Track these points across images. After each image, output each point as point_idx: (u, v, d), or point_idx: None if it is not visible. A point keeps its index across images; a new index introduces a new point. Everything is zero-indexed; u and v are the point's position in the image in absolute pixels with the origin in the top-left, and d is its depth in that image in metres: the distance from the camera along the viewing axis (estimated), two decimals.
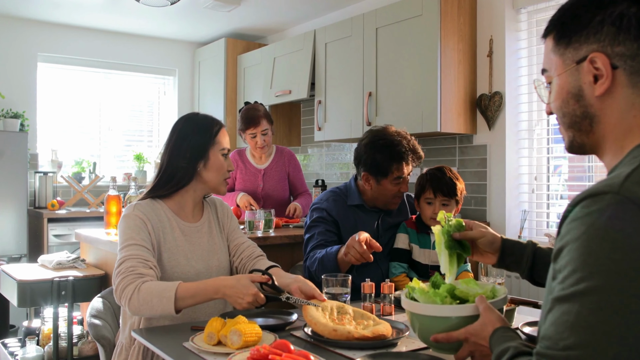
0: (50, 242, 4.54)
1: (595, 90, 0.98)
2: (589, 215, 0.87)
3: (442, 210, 1.54)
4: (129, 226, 1.81)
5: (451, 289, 1.27)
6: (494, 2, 3.47)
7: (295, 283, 1.74)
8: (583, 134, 1.03)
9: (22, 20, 5.05)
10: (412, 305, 1.27)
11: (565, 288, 0.87)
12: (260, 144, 3.37)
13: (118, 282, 1.69)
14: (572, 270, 0.86)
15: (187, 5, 4.61)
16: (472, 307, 1.20)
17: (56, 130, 5.34)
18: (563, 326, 0.85)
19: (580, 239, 0.87)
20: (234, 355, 1.35)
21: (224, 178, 1.95)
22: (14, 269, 2.76)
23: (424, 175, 2.30)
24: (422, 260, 2.26)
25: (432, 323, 1.23)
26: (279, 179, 3.51)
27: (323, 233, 2.27)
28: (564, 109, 1.04)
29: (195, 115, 1.99)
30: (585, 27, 0.98)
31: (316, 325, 1.49)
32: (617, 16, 0.95)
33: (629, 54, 0.95)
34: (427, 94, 3.42)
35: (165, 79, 5.93)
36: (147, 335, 1.61)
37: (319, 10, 4.75)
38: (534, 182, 3.44)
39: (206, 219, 1.99)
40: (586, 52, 0.98)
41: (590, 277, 0.84)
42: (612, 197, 0.86)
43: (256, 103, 3.54)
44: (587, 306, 0.83)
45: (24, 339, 2.94)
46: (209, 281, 1.68)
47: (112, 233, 2.78)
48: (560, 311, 0.86)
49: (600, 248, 0.84)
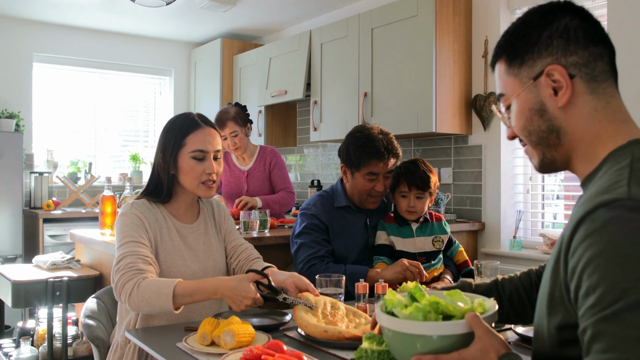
0: (45, 242, 4.53)
1: (557, 102, 1.00)
2: (606, 226, 0.83)
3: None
4: (126, 224, 1.80)
5: (435, 303, 1.08)
6: (489, 3, 3.48)
7: (290, 278, 1.74)
8: (552, 149, 1.04)
9: (17, 20, 5.04)
10: (389, 321, 1.07)
11: (608, 305, 0.80)
12: (232, 145, 3.37)
13: (117, 278, 1.68)
14: (610, 285, 0.80)
15: (183, 6, 4.61)
16: (462, 324, 1.02)
17: (52, 131, 5.33)
18: (625, 345, 0.78)
19: (606, 251, 0.82)
20: (227, 355, 1.35)
21: (200, 181, 1.85)
22: (9, 270, 2.75)
23: (397, 168, 2.32)
24: (410, 250, 2.30)
25: (413, 341, 1.04)
26: (263, 180, 3.47)
27: (319, 242, 2.28)
28: (529, 127, 1.05)
29: (178, 116, 1.93)
30: (536, 44, 1.01)
31: (307, 327, 1.50)
32: (563, 29, 0.99)
33: (582, 62, 0.98)
34: (423, 94, 3.42)
35: (161, 79, 5.93)
36: (141, 335, 1.61)
37: (314, 10, 4.75)
38: (529, 182, 3.45)
39: (202, 220, 1.99)
40: (541, 67, 1.01)
41: (636, 286, 0.79)
42: (626, 203, 0.84)
43: (231, 105, 3.47)
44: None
45: (18, 339, 2.94)
46: (209, 280, 1.67)
47: (107, 233, 2.77)
48: (615, 331, 0.79)
49: (636, 253, 0.80)
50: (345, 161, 2.31)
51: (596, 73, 0.99)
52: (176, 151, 1.85)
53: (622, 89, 1.05)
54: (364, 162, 2.23)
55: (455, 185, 3.70)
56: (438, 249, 2.34)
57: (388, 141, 2.24)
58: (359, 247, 2.35)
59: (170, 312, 1.63)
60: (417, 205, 2.29)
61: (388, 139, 2.25)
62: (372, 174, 2.24)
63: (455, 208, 3.68)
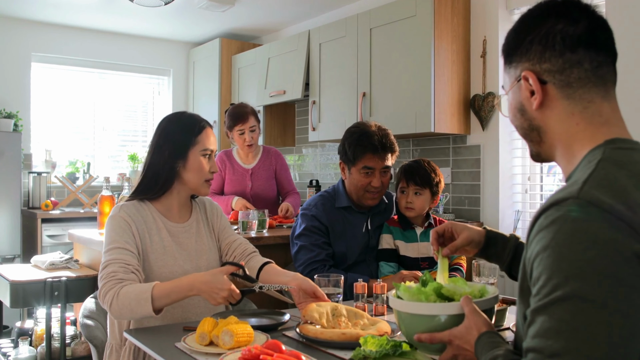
0: (44, 242, 4.52)
1: (532, 105, 1.06)
2: (554, 223, 0.89)
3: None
4: (113, 228, 1.79)
5: (438, 288, 1.22)
6: (487, 3, 3.49)
7: (295, 280, 1.74)
8: (535, 144, 1.11)
9: (15, 20, 5.04)
10: (397, 302, 1.23)
11: (543, 298, 0.87)
12: (248, 140, 3.38)
13: (100, 286, 1.69)
14: (547, 278, 0.87)
15: (181, 6, 4.61)
16: (456, 305, 1.16)
17: (50, 131, 5.32)
18: (547, 334, 0.85)
19: (550, 246, 0.88)
20: (225, 355, 1.35)
21: (205, 179, 1.89)
22: (7, 270, 2.75)
23: (400, 167, 2.36)
24: (411, 255, 2.29)
25: (416, 321, 1.18)
26: (267, 178, 3.52)
27: (319, 246, 2.27)
28: (514, 122, 1.13)
29: (179, 114, 1.96)
30: (519, 47, 1.07)
31: (323, 334, 1.48)
32: (543, 35, 1.03)
33: (556, 69, 1.02)
34: (421, 94, 3.43)
35: (160, 79, 5.93)
36: (139, 335, 1.61)
37: (313, 10, 4.75)
38: (527, 183, 3.45)
39: (194, 219, 1.97)
40: (520, 70, 1.07)
41: (566, 282, 0.85)
42: (573, 202, 0.89)
43: (242, 103, 3.58)
44: (568, 311, 0.84)
45: (16, 339, 2.93)
46: (184, 278, 1.66)
47: None
48: (541, 321, 0.86)
49: (571, 251, 0.86)
50: (342, 157, 2.32)
51: (571, 80, 1.02)
52: (188, 148, 1.86)
53: (621, 89, 1.05)
54: (358, 156, 2.23)
55: (454, 185, 3.70)
56: None
57: (384, 136, 2.24)
58: (359, 248, 2.34)
59: (151, 315, 1.62)
60: (415, 201, 2.28)
61: (384, 133, 2.25)
62: (368, 168, 2.23)
63: (453, 208, 3.68)
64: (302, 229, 2.32)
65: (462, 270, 2.33)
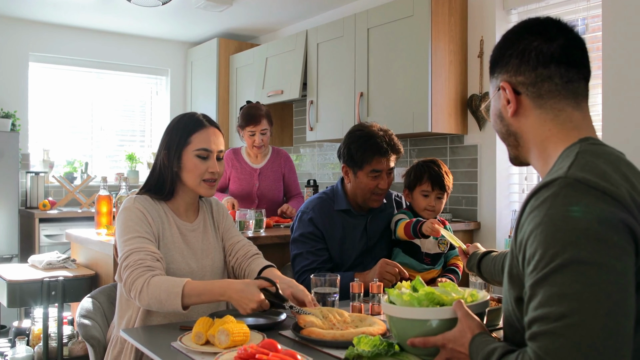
0: (41, 242, 4.52)
1: (508, 112, 1.17)
2: (545, 202, 0.96)
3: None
4: (131, 218, 1.80)
5: (430, 293, 1.23)
6: (484, 3, 3.49)
7: (289, 289, 1.75)
8: (513, 148, 1.22)
9: (13, 20, 5.03)
10: (389, 308, 1.24)
11: (542, 269, 0.93)
12: (258, 143, 3.37)
13: (127, 275, 1.68)
14: (544, 251, 0.93)
15: (179, 5, 4.61)
16: (448, 310, 1.17)
17: (48, 130, 5.32)
18: (550, 301, 0.90)
19: (543, 222, 0.95)
20: (221, 354, 1.35)
21: (201, 179, 1.89)
22: (4, 269, 2.75)
23: (420, 166, 2.32)
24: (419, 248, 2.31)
25: (408, 326, 1.20)
26: (275, 179, 3.51)
27: (313, 253, 2.26)
28: (495, 127, 1.24)
29: (182, 115, 1.97)
30: (500, 60, 1.18)
31: (318, 334, 1.48)
32: (520, 50, 1.14)
33: (529, 82, 1.13)
34: (418, 94, 3.43)
35: (158, 79, 5.93)
36: (136, 334, 1.61)
37: (311, 10, 4.76)
38: (525, 182, 3.46)
39: (201, 219, 2.00)
40: (500, 81, 1.18)
41: (564, 251, 0.91)
42: (562, 181, 0.97)
43: (258, 103, 3.55)
44: (568, 276, 0.89)
45: (14, 339, 2.93)
46: (217, 282, 1.68)
47: (102, 233, 2.78)
48: (543, 290, 0.91)
49: (565, 223, 0.92)
50: (347, 161, 2.26)
51: (542, 92, 1.12)
52: (181, 149, 1.87)
53: (620, 87, 1.08)
54: (367, 160, 2.20)
55: None
56: (442, 252, 2.34)
57: (389, 137, 2.22)
58: (356, 252, 2.31)
59: (178, 311, 1.64)
60: (437, 205, 2.30)
61: (389, 135, 2.23)
62: (376, 172, 2.21)
63: (450, 207, 3.69)
64: (298, 234, 2.30)
65: (458, 271, 2.34)
